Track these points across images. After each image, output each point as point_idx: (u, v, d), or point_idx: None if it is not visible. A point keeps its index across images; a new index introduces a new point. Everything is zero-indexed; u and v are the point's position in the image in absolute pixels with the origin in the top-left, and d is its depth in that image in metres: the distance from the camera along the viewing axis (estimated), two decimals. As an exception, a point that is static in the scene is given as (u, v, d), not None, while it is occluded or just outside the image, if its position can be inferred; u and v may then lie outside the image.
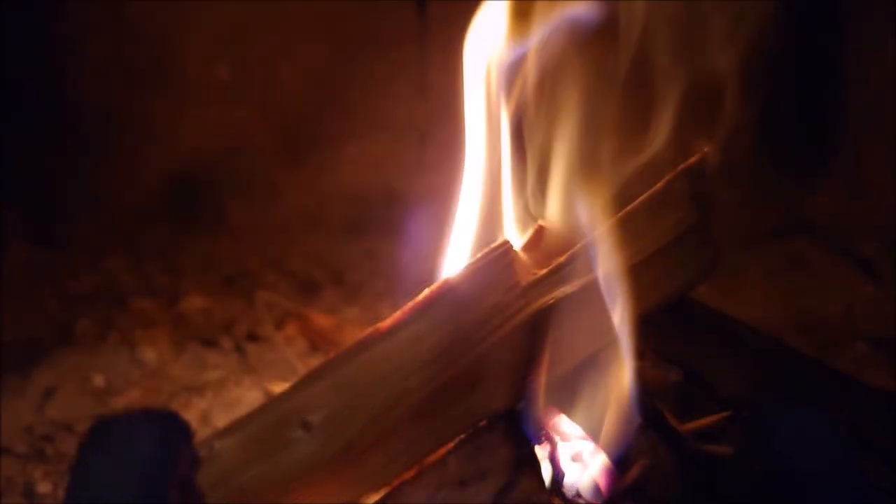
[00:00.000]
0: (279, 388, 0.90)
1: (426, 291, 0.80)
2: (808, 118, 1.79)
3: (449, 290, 0.80)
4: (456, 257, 0.93)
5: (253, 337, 1.55)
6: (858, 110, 1.79)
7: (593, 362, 0.85)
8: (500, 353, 0.81)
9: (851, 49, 1.76)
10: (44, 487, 1.16)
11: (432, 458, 0.84)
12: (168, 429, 0.67)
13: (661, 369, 0.96)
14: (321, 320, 1.55)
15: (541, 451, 0.86)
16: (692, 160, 0.88)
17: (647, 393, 0.87)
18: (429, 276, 0.94)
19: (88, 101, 1.83)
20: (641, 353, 0.84)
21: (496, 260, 0.80)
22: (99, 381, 1.41)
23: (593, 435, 0.85)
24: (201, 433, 1.10)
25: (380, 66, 1.89)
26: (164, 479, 0.63)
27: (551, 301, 0.82)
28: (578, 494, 0.85)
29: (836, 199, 1.81)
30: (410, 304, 0.80)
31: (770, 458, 0.69)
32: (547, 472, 0.85)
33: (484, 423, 0.85)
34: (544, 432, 0.87)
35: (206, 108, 1.89)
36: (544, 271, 0.83)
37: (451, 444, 0.84)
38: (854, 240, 1.78)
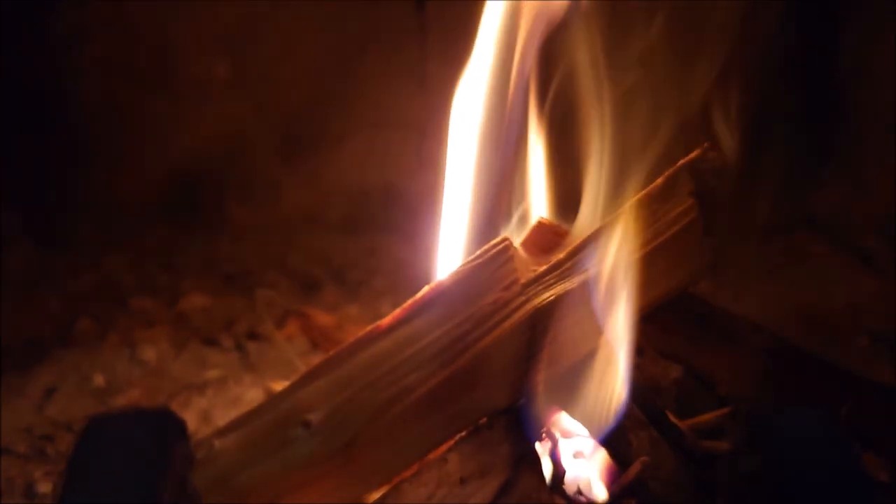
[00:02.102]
0: (280, 386, 0.90)
1: (426, 289, 0.80)
2: (809, 112, 1.79)
3: (448, 287, 0.80)
4: (455, 254, 0.93)
5: (253, 335, 1.55)
6: (860, 104, 1.78)
7: (594, 358, 0.84)
8: (500, 351, 0.80)
9: (853, 43, 1.75)
10: (44, 487, 1.16)
11: (432, 456, 0.84)
12: (162, 427, 0.67)
13: (661, 365, 0.96)
14: (322, 318, 1.54)
15: (541, 449, 0.86)
16: (693, 155, 0.88)
17: (648, 389, 0.87)
18: (429, 273, 0.94)
19: (88, 100, 1.83)
20: (641, 350, 0.84)
21: (495, 257, 0.80)
22: (99, 380, 1.41)
23: (594, 431, 0.85)
24: (202, 432, 1.10)
25: (379, 63, 1.88)
26: (157, 476, 0.63)
27: (551, 298, 0.82)
28: (579, 492, 0.85)
29: (837, 194, 1.80)
30: (410, 301, 0.80)
31: (770, 456, 0.69)
32: (548, 470, 0.85)
33: (484, 420, 0.85)
34: (545, 429, 0.87)
35: (205, 107, 1.88)
36: (544, 268, 0.83)
37: (451, 442, 0.84)
38: (856, 234, 1.77)
